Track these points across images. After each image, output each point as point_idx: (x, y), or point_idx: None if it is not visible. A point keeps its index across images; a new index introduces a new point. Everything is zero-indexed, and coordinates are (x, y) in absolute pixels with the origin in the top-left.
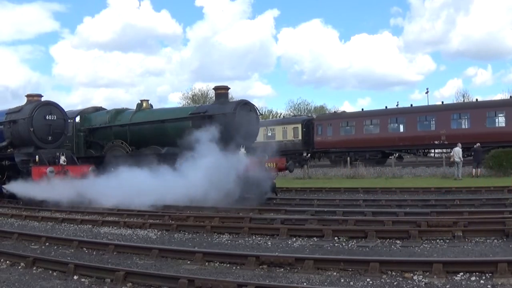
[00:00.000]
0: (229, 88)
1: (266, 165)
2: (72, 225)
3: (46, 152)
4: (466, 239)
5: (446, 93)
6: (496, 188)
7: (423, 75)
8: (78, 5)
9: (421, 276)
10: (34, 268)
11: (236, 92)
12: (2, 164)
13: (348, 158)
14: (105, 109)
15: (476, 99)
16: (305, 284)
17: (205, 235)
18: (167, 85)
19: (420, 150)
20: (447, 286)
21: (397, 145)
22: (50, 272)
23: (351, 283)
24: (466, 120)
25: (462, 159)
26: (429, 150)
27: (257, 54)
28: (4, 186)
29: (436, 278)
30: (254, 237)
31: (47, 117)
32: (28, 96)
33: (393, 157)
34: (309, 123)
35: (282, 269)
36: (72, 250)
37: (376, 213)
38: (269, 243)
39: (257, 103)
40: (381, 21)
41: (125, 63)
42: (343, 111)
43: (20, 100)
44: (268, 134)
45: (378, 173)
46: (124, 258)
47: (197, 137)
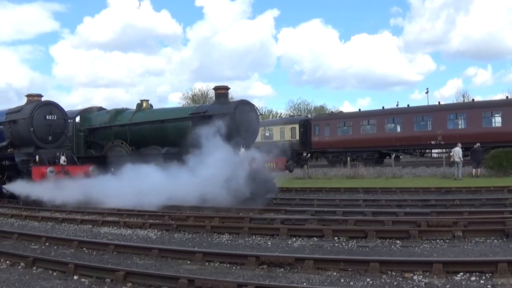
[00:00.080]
0: (229, 88)
1: (267, 165)
2: (72, 225)
3: (46, 152)
4: (466, 239)
5: (446, 93)
6: (496, 188)
7: (423, 75)
8: (78, 5)
9: (421, 276)
10: (34, 268)
11: (236, 92)
12: (2, 164)
13: (348, 158)
14: (105, 109)
15: (473, 99)
16: (305, 284)
17: (205, 235)
18: (167, 85)
19: (417, 150)
20: (447, 286)
21: (394, 145)
22: (50, 272)
23: (351, 283)
24: (463, 120)
25: (462, 159)
26: (426, 150)
27: (257, 54)
28: (4, 186)
29: (436, 278)
30: (254, 237)
31: (47, 117)
32: (28, 96)
33: (393, 158)
34: (307, 123)
35: (282, 269)
36: (72, 250)
37: (376, 213)
38: (269, 243)
39: (257, 103)
40: (381, 21)
41: (125, 63)
42: (340, 111)
43: (20, 100)
44: (266, 134)
45: (378, 173)
46: (124, 258)
47: (206, 135)
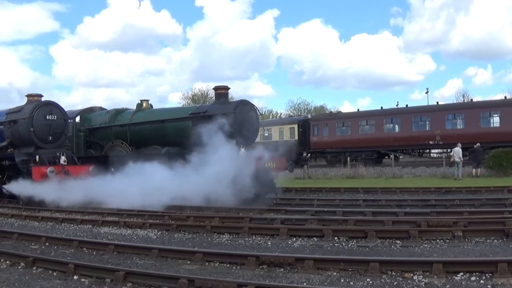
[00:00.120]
0: (229, 88)
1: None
2: (72, 225)
3: (47, 152)
4: (466, 239)
5: (446, 93)
6: (496, 188)
7: (423, 75)
8: (78, 5)
9: (421, 276)
10: (34, 268)
11: (236, 92)
12: (2, 164)
13: (348, 158)
14: (105, 109)
15: (471, 100)
16: (305, 284)
17: (205, 235)
18: (167, 85)
19: (415, 150)
20: (447, 286)
21: (393, 145)
22: (50, 272)
23: (351, 283)
24: (461, 121)
25: (462, 159)
26: (424, 150)
27: (257, 54)
28: (4, 186)
29: (436, 278)
30: (254, 237)
31: (48, 117)
32: (28, 96)
33: (393, 158)
34: (305, 124)
35: (282, 269)
36: (72, 250)
37: (376, 213)
38: (269, 243)
39: (257, 103)
40: (381, 21)
41: (125, 63)
42: (339, 111)
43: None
44: (265, 135)
45: (378, 173)
46: (124, 258)
47: (211, 133)
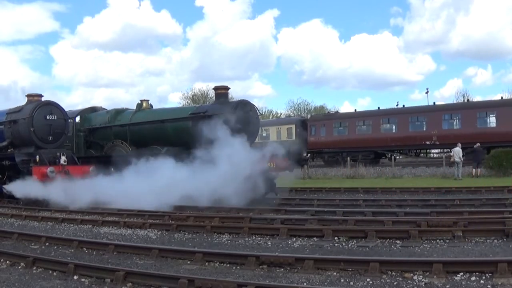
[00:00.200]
0: (229, 88)
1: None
2: (72, 225)
3: (47, 152)
4: (466, 239)
5: (446, 93)
6: (496, 188)
7: (423, 75)
8: (78, 5)
9: (421, 276)
10: (34, 268)
11: (236, 92)
12: (3, 164)
13: (348, 158)
14: (105, 109)
15: (467, 100)
16: (305, 284)
17: (205, 235)
18: (167, 85)
19: (412, 151)
20: (447, 286)
21: (390, 146)
22: (50, 272)
23: (351, 283)
24: (457, 121)
25: (462, 159)
26: (421, 150)
27: (257, 54)
28: (5, 186)
29: (436, 278)
30: (254, 237)
31: (48, 117)
32: (29, 96)
33: (393, 159)
34: (303, 124)
35: (282, 269)
36: (72, 250)
37: (376, 213)
38: (269, 243)
39: (257, 103)
40: (381, 21)
41: (125, 63)
42: (336, 112)
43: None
44: (263, 135)
45: (378, 173)
46: (124, 258)
47: (221, 132)
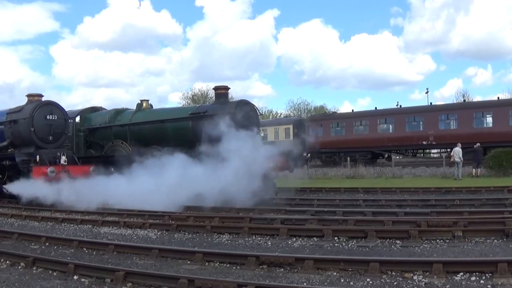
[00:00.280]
0: (229, 88)
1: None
2: (72, 225)
3: (47, 152)
4: (466, 239)
5: (446, 93)
6: (496, 188)
7: (423, 75)
8: (78, 5)
9: (421, 276)
10: (34, 268)
11: (236, 92)
12: (3, 164)
13: (348, 158)
14: (105, 109)
15: (464, 100)
16: (305, 284)
17: (205, 235)
18: (167, 85)
19: (409, 151)
20: (447, 286)
21: (386, 146)
22: (50, 272)
23: (351, 283)
24: (454, 121)
25: (462, 159)
26: (418, 151)
27: (257, 54)
28: (5, 186)
29: (436, 278)
30: (254, 237)
31: (48, 117)
32: (29, 96)
33: (390, 158)
34: (301, 124)
35: (282, 269)
36: (72, 250)
37: (376, 213)
38: (269, 243)
39: (257, 103)
40: (381, 21)
41: (125, 63)
42: (334, 112)
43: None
44: (261, 135)
45: (378, 173)
46: (124, 258)
47: (231, 130)
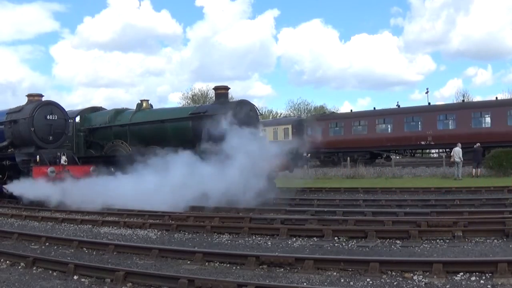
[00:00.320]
0: (229, 88)
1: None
2: (72, 225)
3: (47, 152)
4: (466, 239)
5: (446, 93)
6: (496, 188)
7: (423, 75)
8: (78, 5)
9: (421, 276)
10: (34, 268)
11: (236, 92)
12: (3, 164)
13: (348, 158)
14: (105, 109)
15: (463, 100)
16: (305, 284)
17: (205, 235)
18: (167, 85)
19: (407, 151)
20: (447, 286)
21: (385, 146)
22: (50, 272)
23: (351, 283)
24: (452, 121)
25: (462, 159)
26: (416, 151)
27: (257, 54)
28: (5, 186)
29: (436, 278)
30: (254, 237)
31: (48, 117)
32: (29, 96)
33: (388, 158)
34: (300, 124)
35: (282, 269)
36: (72, 250)
37: (376, 213)
38: (269, 243)
39: (257, 103)
40: (381, 21)
41: (125, 63)
42: (333, 112)
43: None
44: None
45: (378, 173)
46: (124, 258)
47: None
